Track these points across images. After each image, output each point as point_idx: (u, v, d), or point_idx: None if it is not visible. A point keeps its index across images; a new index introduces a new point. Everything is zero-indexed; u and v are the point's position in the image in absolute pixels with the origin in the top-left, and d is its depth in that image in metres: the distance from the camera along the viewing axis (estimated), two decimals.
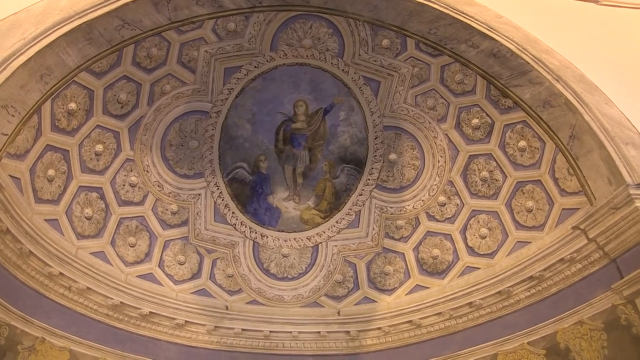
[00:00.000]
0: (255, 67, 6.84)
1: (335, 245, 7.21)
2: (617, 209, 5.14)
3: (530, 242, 6.05)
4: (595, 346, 5.27)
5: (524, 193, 6.20)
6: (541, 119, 5.95)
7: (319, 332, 6.90)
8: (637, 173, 5.18)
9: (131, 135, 6.51)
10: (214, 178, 7.09)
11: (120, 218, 6.52)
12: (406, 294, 6.88)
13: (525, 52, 5.94)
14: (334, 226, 7.24)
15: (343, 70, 6.92)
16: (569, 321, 5.51)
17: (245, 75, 6.88)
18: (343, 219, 7.26)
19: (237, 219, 7.17)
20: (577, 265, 5.54)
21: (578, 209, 5.64)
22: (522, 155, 6.20)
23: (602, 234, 5.30)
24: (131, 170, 6.60)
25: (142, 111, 6.54)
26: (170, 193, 6.85)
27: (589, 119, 5.56)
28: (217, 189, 7.13)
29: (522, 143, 6.16)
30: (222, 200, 7.13)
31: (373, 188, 7.21)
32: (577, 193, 5.66)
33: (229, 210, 7.16)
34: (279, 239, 7.27)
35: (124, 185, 6.56)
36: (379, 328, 6.80)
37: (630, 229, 5.07)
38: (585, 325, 5.37)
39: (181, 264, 6.86)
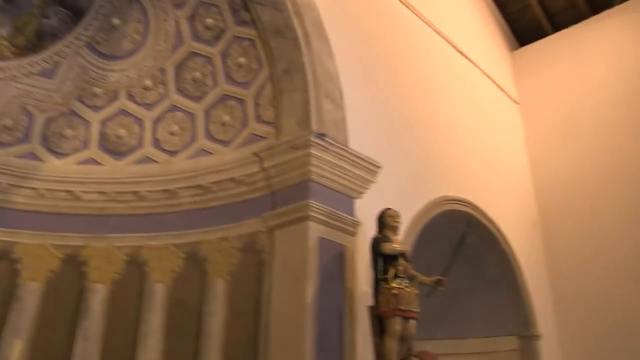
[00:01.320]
0: None
1: (18, 88, 6.45)
2: (294, 149, 5.50)
3: (212, 154, 6.18)
4: (227, 262, 5.64)
5: (225, 107, 6.28)
6: (269, 44, 6.06)
7: None
8: (324, 125, 5.60)
9: None
10: None
11: None
12: (76, 164, 6.51)
13: None
14: (25, 67, 6.47)
15: None
16: (216, 235, 5.79)
17: None
18: (38, 64, 6.52)
19: None
20: (244, 188, 5.82)
21: (265, 138, 5.91)
22: (238, 71, 6.25)
23: (274, 167, 5.64)
24: None
25: None
26: None
27: (307, 61, 5.82)
28: None
29: (243, 60, 6.22)
30: None
31: (83, 45, 6.62)
32: (270, 124, 5.93)
33: None
34: None
35: None
36: (35, 189, 6.32)
37: (296, 170, 5.48)
38: (228, 243, 5.70)
39: None
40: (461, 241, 5.53)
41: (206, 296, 5.64)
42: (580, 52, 9.82)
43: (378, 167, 5.98)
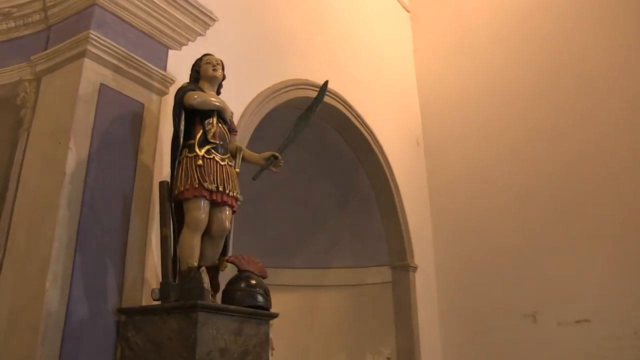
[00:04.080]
0: None
1: None
2: None
3: None
4: None
5: None
6: None
7: None
8: None
9: None
10: None
11: None
12: None
13: None
14: None
15: None
16: None
17: None
18: None
19: None
20: (11, 23, 3.83)
21: None
22: None
23: None
24: None
25: None
26: None
27: None
28: None
29: None
30: None
31: None
32: None
33: None
34: None
35: None
36: None
37: None
38: None
39: None
40: (314, 104, 3.81)
41: None
42: None
43: (211, 18, 4.20)
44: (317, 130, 6.15)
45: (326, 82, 3.92)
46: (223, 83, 3.66)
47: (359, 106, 6.21)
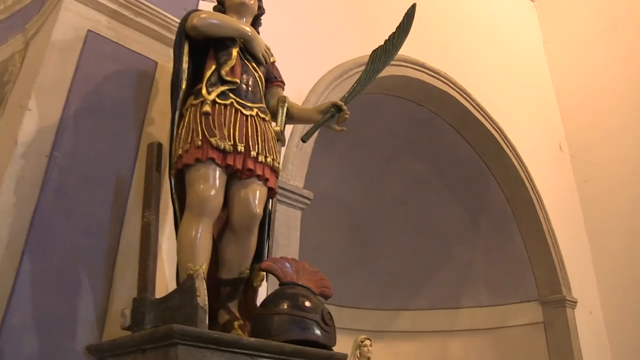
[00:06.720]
0: None
1: None
2: None
3: None
4: None
5: None
6: None
7: None
8: None
9: None
10: None
11: None
12: None
13: None
14: None
15: None
16: None
17: None
18: None
19: None
20: None
21: None
22: None
23: None
24: None
25: None
26: None
27: None
28: None
29: None
30: None
31: None
32: None
33: None
34: None
35: None
36: None
37: None
38: None
39: None
40: (397, 34, 2.45)
41: None
42: None
43: None
44: (430, 132, 4.74)
45: (414, 5, 2.54)
46: (262, 21, 2.45)
47: (483, 98, 4.71)
